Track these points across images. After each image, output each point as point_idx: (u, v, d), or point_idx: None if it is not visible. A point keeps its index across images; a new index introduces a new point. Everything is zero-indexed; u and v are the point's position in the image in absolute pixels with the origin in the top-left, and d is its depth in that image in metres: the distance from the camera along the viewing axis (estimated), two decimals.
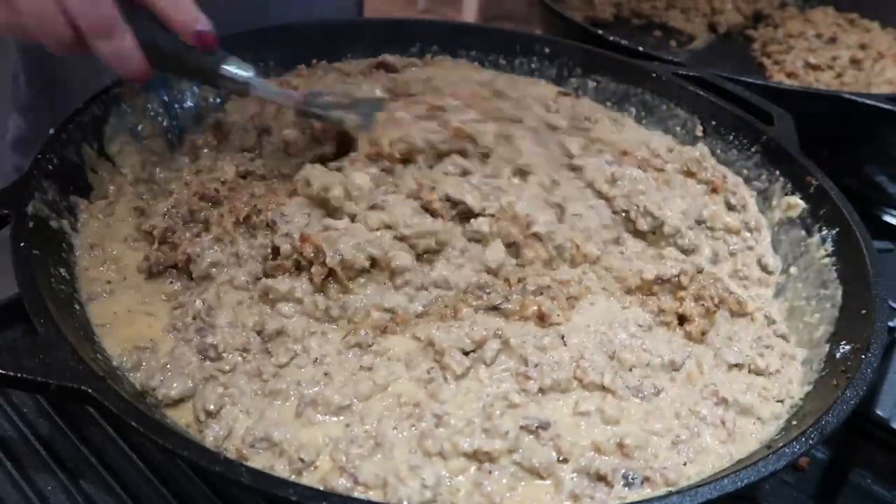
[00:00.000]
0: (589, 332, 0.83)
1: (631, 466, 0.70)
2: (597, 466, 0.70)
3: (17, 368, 0.65)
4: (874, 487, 0.92)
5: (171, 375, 0.74)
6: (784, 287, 1.00)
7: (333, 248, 0.81)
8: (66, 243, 0.88)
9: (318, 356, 0.77)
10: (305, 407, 0.72)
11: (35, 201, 0.84)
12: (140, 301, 0.85)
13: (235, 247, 0.86)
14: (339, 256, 0.80)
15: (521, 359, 0.78)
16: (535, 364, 0.77)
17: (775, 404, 0.81)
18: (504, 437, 0.70)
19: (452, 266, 0.86)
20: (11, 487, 0.79)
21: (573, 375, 0.77)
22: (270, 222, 0.87)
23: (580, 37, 1.46)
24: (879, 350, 0.79)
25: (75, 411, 0.87)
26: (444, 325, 0.80)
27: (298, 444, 0.69)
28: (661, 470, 0.70)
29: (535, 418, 0.72)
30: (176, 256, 0.87)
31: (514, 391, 0.75)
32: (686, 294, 0.88)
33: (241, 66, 0.88)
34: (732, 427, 0.76)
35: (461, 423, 0.71)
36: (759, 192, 1.12)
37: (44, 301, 0.72)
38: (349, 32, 1.32)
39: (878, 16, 1.94)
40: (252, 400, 0.74)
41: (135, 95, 1.05)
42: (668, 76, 1.29)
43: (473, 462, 0.69)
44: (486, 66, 1.37)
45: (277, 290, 0.81)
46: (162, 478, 0.81)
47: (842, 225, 1.00)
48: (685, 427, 0.75)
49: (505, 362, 0.78)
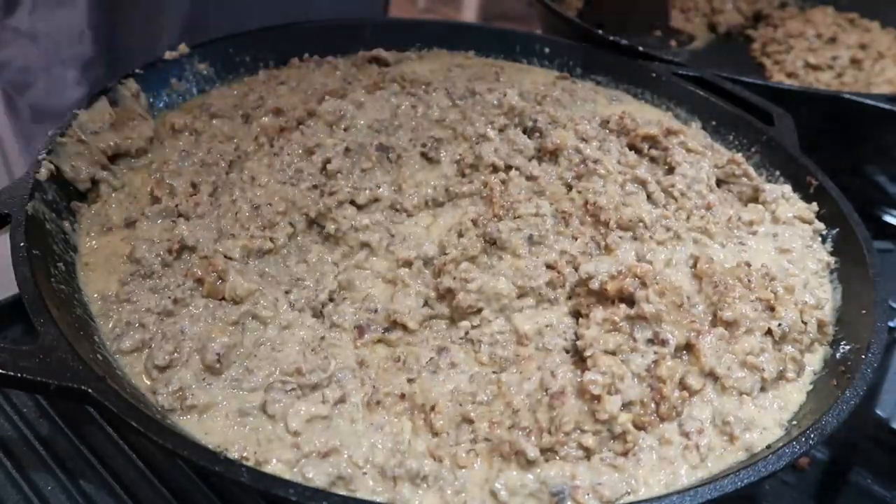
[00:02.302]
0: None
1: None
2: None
3: (17, 368, 0.65)
4: (874, 487, 0.92)
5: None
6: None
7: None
8: (66, 243, 0.88)
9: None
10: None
11: (35, 201, 0.85)
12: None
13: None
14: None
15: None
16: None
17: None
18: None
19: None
20: (11, 487, 0.79)
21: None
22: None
23: (580, 36, 1.46)
24: (879, 350, 0.79)
25: (75, 411, 0.87)
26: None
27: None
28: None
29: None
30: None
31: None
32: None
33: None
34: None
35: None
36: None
37: (44, 301, 0.72)
38: (349, 32, 1.32)
39: (878, 15, 1.94)
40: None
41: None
42: (668, 76, 1.30)
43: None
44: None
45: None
46: (162, 478, 0.81)
47: (842, 225, 1.00)
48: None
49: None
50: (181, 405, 0.73)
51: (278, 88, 1.17)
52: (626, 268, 0.85)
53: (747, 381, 0.79)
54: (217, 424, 0.72)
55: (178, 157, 1.01)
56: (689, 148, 1.10)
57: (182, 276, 0.85)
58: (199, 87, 1.19)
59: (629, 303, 0.82)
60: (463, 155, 1.02)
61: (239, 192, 0.96)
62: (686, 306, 0.83)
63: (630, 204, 0.97)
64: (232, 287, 0.82)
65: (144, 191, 0.98)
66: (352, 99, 1.09)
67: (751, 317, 0.83)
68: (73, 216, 0.92)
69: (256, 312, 0.82)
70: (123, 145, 1.01)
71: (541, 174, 1.01)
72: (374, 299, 0.86)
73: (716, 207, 1.02)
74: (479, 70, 1.30)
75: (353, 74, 1.23)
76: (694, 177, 1.04)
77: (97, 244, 0.90)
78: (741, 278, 0.87)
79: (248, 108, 1.12)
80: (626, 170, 1.03)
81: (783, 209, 1.04)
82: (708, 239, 0.97)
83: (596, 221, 0.95)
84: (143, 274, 0.85)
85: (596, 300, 0.85)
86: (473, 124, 1.06)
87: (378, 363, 0.81)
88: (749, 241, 1.00)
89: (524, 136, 1.08)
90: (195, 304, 0.82)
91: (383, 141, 1.03)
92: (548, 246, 0.91)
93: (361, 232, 0.92)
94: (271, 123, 1.07)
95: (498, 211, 0.93)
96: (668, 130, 1.12)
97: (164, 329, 0.79)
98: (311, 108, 1.08)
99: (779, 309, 0.84)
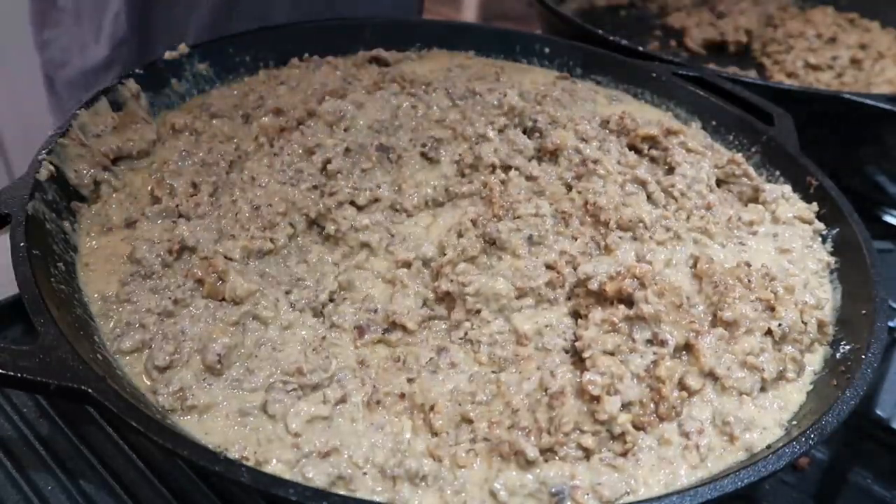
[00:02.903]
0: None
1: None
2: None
3: (17, 368, 0.65)
4: (874, 487, 0.92)
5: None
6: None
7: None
8: (66, 243, 0.88)
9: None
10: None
11: (35, 201, 0.85)
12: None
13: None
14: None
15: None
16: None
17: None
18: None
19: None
20: (11, 487, 0.79)
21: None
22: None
23: (580, 36, 1.46)
24: (879, 350, 0.79)
25: (75, 411, 0.87)
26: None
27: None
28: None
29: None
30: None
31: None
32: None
33: None
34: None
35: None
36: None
37: (44, 301, 0.72)
38: (349, 32, 1.32)
39: (878, 15, 1.94)
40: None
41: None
42: (668, 76, 1.30)
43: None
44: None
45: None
46: (162, 478, 0.81)
47: (842, 225, 1.00)
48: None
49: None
50: (181, 405, 0.73)
51: (278, 88, 1.17)
52: (625, 268, 0.85)
53: (747, 381, 0.79)
54: (217, 424, 0.72)
55: (179, 157, 1.01)
56: (689, 148, 1.11)
57: (182, 277, 0.85)
58: (199, 87, 1.19)
59: (628, 303, 0.82)
60: (463, 155, 1.02)
61: (239, 192, 0.96)
62: (685, 307, 0.83)
63: (630, 204, 0.97)
64: (232, 288, 0.82)
65: (145, 191, 0.98)
66: (352, 99, 1.09)
67: (751, 317, 0.83)
68: (73, 216, 0.92)
69: (257, 313, 0.82)
70: (125, 148, 1.02)
71: (540, 174, 1.02)
72: (373, 300, 0.86)
73: (716, 207, 1.02)
74: (479, 70, 1.30)
75: (354, 74, 1.23)
76: (694, 177, 1.04)
77: (97, 244, 0.90)
78: (741, 278, 0.87)
79: (248, 108, 1.12)
80: (626, 170, 1.03)
81: (783, 209, 1.04)
82: (708, 239, 0.97)
83: (596, 222, 0.95)
84: (143, 274, 0.85)
85: (595, 301, 0.85)
86: (473, 124, 1.06)
87: (378, 363, 0.81)
88: (749, 241, 1.00)
89: (524, 136, 1.08)
90: (195, 305, 0.82)
91: (383, 141, 1.03)
92: (547, 246, 0.91)
93: (361, 232, 0.92)
94: (271, 123, 1.07)
95: (497, 211, 0.93)
96: (668, 130, 1.12)
97: (164, 329, 0.79)
98: (311, 108, 1.08)
99: (779, 309, 0.84)
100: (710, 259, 0.90)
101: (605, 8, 2.03)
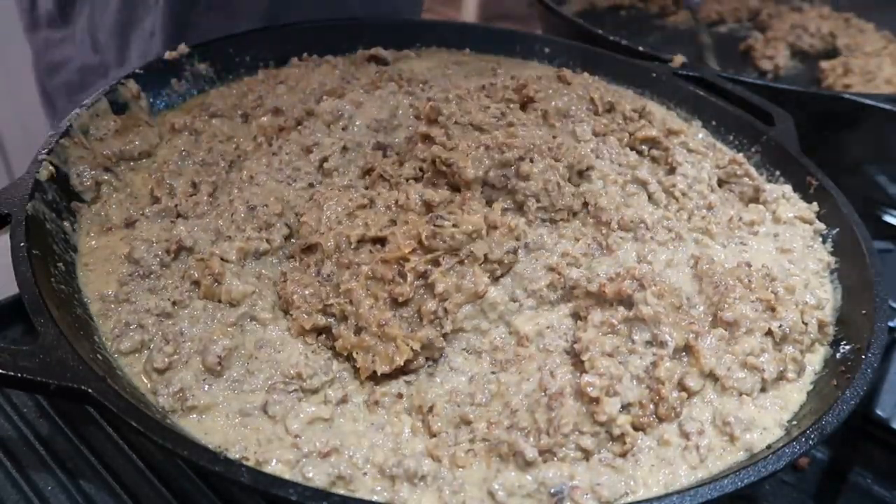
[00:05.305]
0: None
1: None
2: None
3: (17, 368, 0.65)
4: (874, 487, 0.92)
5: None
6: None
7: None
8: (66, 243, 0.88)
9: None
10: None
11: (35, 201, 0.85)
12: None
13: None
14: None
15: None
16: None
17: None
18: None
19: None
20: (11, 487, 0.79)
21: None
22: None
23: (580, 36, 1.46)
24: (879, 350, 0.79)
25: (75, 411, 0.87)
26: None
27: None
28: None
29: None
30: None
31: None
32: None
33: None
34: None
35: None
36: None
37: (44, 301, 0.72)
38: (349, 32, 1.32)
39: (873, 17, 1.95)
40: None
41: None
42: (668, 76, 1.30)
43: None
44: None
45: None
46: (162, 478, 0.81)
47: (842, 225, 1.00)
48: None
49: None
50: (181, 406, 0.73)
51: (277, 88, 1.17)
52: (624, 270, 0.85)
53: (747, 381, 0.79)
54: (217, 425, 0.72)
55: (178, 157, 1.01)
56: (690, 148, 1.11)
57: (180, 278, 0.85)
58: (199, 87, 1.19)
59: (627, 305, 0.82)
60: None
61: (237, 191, 0.96)
62: (685, 308, 0.83)
63: (631, 204, 0.97)
64: (227, 290, 0.82)
65: (145, 191, 0.98)
66: (350, 98, 1.09)
67: (751, 317, 0.83)
68: (73, 216, 0.92)
69: (254, 314, 0.82)
70: (127, 151, 1.02)
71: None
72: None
73: (717, 208, 1.02)
74: (476, 66, 1.30)
75: (352, 73, 1.23)
76: (695, 177, 1.04)
77: (97, 244, 0.90)
78: (741, 279, 0.87)
79: (247, 108, 1.12)
80: (626, 170, 1.03)
81: (784, 209, 1.04)
82: (709, 239, 0.97)
83: (597, 222, 0.95)
84: (141, 274, 0.85)
85: (594, 302, 0.85)
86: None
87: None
88: (750, 241, 1.00)
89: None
90: (193, 306, 0.82)
91: (381, 140, 1.03)
92: (548, 249, 0.90)
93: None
94: (270, 123, 1.07)
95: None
96: (668, 130, 1.12)
97: (163, 330, 0.79)
98: (309, 107, 1.08)
99: (779, 309, 0.84)
100: (711, 259, 0.90)
101: (605, 8, 2.04)
